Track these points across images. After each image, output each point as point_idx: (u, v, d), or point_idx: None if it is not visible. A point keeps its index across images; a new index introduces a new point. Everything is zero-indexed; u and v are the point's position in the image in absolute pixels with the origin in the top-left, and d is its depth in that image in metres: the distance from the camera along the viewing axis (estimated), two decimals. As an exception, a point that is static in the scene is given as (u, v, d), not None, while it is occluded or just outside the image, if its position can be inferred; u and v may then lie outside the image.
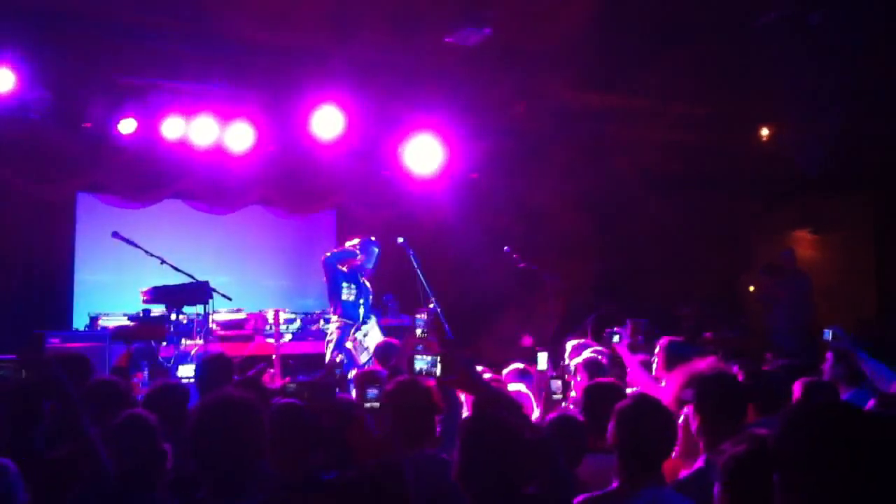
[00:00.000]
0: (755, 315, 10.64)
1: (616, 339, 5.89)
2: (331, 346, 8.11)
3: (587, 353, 5.66)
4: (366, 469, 3.91)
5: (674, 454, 3.65)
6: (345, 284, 8.17)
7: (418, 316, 4.85)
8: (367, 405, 4.35)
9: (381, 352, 6.47)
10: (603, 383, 4.48)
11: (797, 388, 4.41)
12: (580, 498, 3.31)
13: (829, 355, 5.66)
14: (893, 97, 8.46)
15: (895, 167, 9.45)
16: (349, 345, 8.00)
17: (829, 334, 5.73)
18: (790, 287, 9.86)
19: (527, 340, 9.39)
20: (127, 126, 8.82)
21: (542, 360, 5.60)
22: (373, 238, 8.43)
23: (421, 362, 3.73)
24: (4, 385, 4.00)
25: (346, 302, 8.16)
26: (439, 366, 3.66)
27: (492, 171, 10.70)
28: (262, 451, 3.29)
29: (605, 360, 5.69)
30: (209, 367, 5.32)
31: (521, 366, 5.96)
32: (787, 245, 10.66)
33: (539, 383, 5.53)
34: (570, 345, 6.31)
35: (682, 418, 3.75)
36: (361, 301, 8.24)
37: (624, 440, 3.34)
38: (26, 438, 4.06)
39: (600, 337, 6.85)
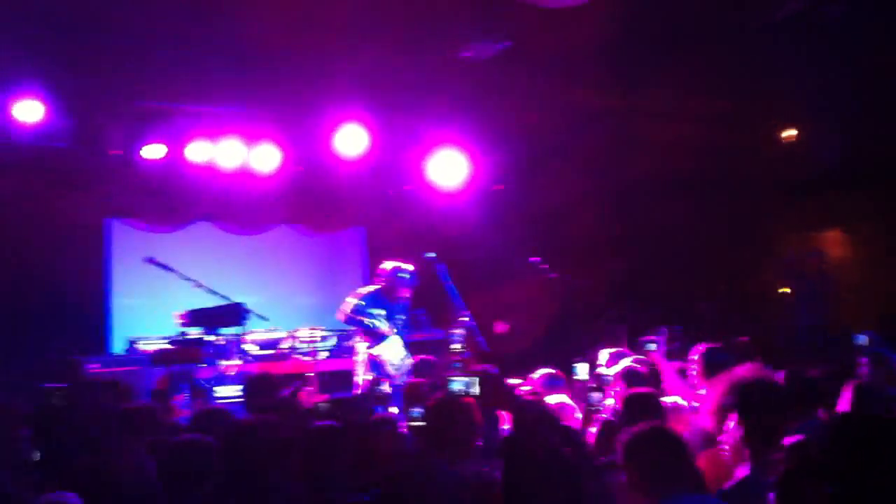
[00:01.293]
0: (778, 313, 10.54)
1: (652, 346, 5.85)
2: (360, 364, 8.11)
3: (626, 362, 5.64)
4: (397, 487, 3.94)
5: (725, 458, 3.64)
6: (373, 311, 8.07)
7: (455, 331, 4.84)
8: (413, 423, 4.36)
9: (419, 368, 6.49)
10: (641, 393, 4.46)
11: (846, 394, 4.35)
12: None
13: (863, 360, 5.59)
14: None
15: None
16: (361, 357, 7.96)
17: (863, 339, 5.68)
18: (815, 286, 9.76)
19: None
20: (153, 151, 8.93)
21: (583, 370, 5.57)
22: (404, 266, 8.25)
23: (457, 384, 3.75)
24: (50, 412, 4.07)
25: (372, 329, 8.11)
26: (476, 386, 3.68)
27: (514, 178, 10.70)
28: (287, 471, 3.32)
29: (643, 370, 5.65)
30: (254, 386, 5.38)
31: (551, 371, 5.93)
32: (811, 242, 10.55)
33: (579, 393, 5.51)
34: (605, 353, 6.27)
35: (731, 425, 3.73)
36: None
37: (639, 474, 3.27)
38: (70, 464, 4.12)
39: (634, 345, 6.81)
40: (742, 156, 10.21)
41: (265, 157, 9.42)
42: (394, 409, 6.00)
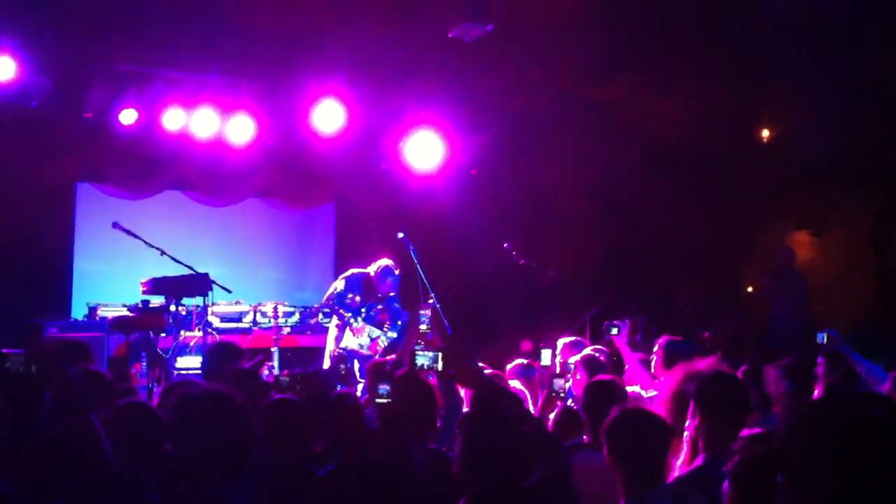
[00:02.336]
0: (752, 308, 10.64)
1: (615, 331, 5.87)
2: (331, 338, 8.11)
3: (587, 351, 5.67)
4: (363, 461, 3.95)
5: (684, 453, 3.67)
6: (350, 295, 8.13)
7: (422, 312, 4.83)
8: (378, 401, 4.37)
9: (388, 349, 6.51)
10: (604, 381, 4.49)
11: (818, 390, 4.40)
12: None
13: (820, 360, 5.67)
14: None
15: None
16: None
17: (822, 337, 5.76)
18: (787, 285, 9.87)
19: (526, 345, 9.37)
20: (127, 116, 8.82)
21: (546, 356, 5.60)
22: (395, 271, 8.29)
23: (422, 358, 3.75)
24: (9, 376, 4.00)
25: (349, 305, 8.14)
26: (440, 361, 3.68)
27: (492, 163, 10.69)
28: (247, 440, 3.29)
29: (602, 358, 5.70)
30: (215, 355, 5.32)
31: (524, 361, 5.96)
32: (786, 240, 10.65)
33: (542, 379, 5.54)
34: (561, 342, 6.30)
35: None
36: (363, 310, 8.17)
37: (620, 456, 3.31)
38: (29, 427, 4.06)
39: (598, 334, 6.83)
40: (723, 151, 10.26)
41: (240, 129, 9.33)
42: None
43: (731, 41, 8.06)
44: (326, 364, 7.98)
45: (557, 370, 5.56)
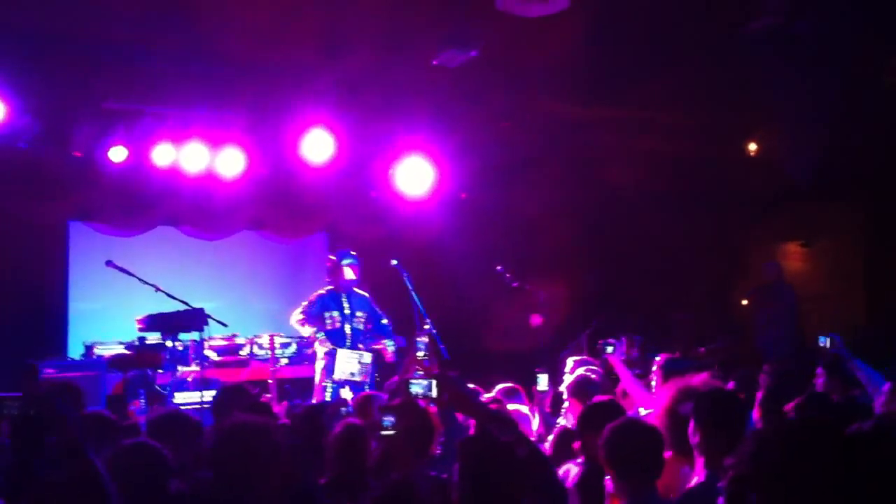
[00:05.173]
0: (747, 323, 10.67)
1: (609, 349, 5.85)
2: (319, 370, 8.09)
3: (580, 371, 5.66)
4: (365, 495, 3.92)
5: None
6: (326, 314, 8.16)
7: (419, 339, 4.83)
8: (383, 433, 4.35)
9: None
10: (602, 402, 4.48)
11: (790, 408, 4.42)
12: None
13: (819, 370, 5.65)
14: (879, 105, 8.53)
15: (882, 174, 9.50)
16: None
17: (825, 341, 5.73)
18: (775, 299, 9.87)
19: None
20: (117, 154, 8.83)
21: (543, 380, 5.57)
22: (333, 258, 8.38)
23: (416, 386, 3.74)
24: (9, 420, 4.00)
25: (330, 330, 8.16)
26: (434, 388, 3.67)
27: (482, 187, 10.74)
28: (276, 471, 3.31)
29: (596, 378, 5.68)
30: (226, 395, 5.39)
31: (509, 384, 5.94)
32: (777, 255, 10.68)
33: (540, 404, 5.53)
34: (571, 361, 6.29)
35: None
36: (348, 326, 8.19)
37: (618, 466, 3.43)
38: (29, 471, 4.04)
39: (595, 353, 6.84)
40: (712, 169, 10.33)
41: (230, 161, 9.35)
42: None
43: (716, 58, 8.14)
44: (315, 398, 7.95)
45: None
